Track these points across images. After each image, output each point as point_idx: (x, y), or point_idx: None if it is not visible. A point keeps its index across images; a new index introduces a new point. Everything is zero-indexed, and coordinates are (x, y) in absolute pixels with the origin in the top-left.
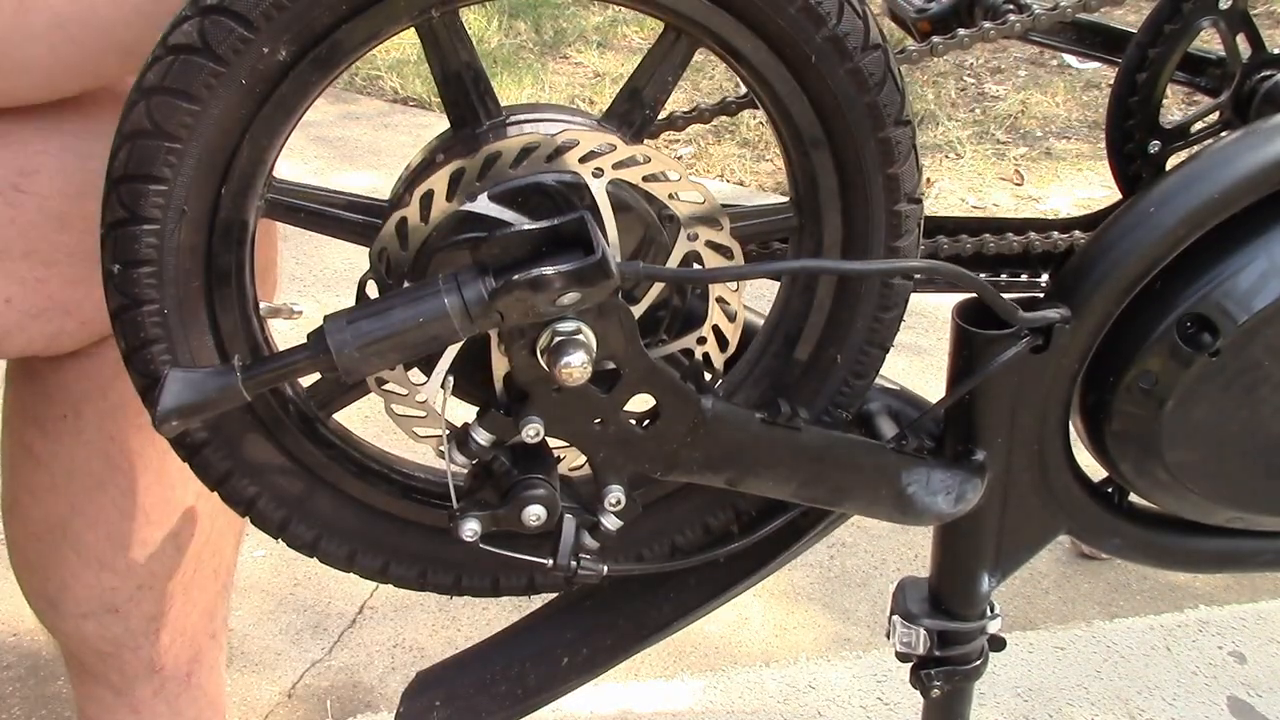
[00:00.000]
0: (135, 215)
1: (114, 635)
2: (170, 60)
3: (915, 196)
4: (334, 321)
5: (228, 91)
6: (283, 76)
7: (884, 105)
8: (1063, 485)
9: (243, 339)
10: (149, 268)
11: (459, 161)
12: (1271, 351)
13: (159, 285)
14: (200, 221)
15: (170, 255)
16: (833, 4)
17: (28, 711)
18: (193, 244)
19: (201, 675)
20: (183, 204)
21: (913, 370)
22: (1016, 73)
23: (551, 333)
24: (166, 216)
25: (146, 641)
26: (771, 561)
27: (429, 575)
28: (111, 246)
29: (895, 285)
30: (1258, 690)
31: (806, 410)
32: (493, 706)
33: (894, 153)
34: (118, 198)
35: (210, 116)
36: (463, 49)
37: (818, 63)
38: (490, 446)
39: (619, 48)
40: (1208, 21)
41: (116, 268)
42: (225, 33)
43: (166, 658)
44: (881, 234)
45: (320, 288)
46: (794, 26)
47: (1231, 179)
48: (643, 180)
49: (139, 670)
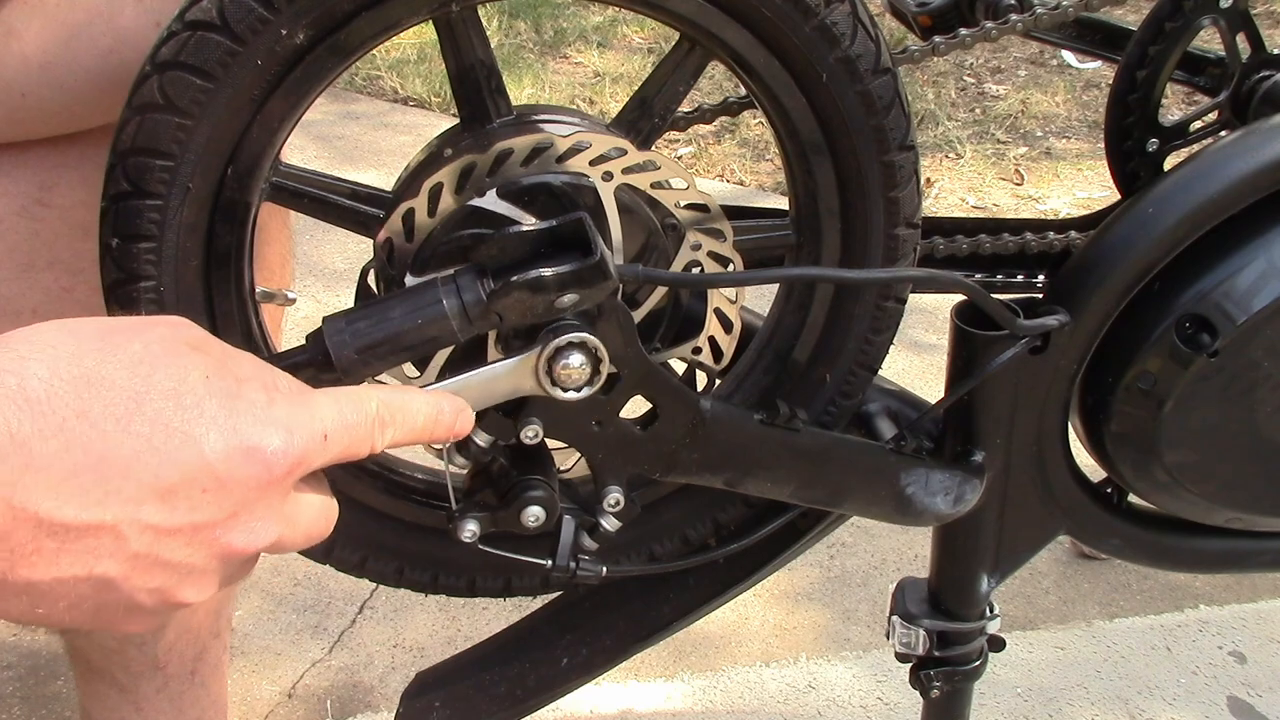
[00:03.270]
0: (139, 189)
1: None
2: (187, 36)
3: (914, 222)
4: (332, 323)
5: (242, 71)
6: (298, 60)
7: (890, 129)
8: (1062, 486)
9: (237, 322)
10: (149, 243)
11: (470, 156)
12: (1270, 352)
13: (157, 262)
14: (204, 200)
15: (171, 232)
16: (847, 25)
17: (28, 711)
18: (194, 222)
19: (205, 673)
20: (188, 181)
21: (913, 369)
22: (1016, 72)
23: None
24: (170, 193)
25: (151, 638)
26: (771, 562)
27: (440, 579)
28: (112, 219)
29: (888, 307)
30: (1258, 690)
31: (805, 411)
32: (492, 707)
33: (897, 176)
34: (123, 170)
35: (222, 95)
36: (479, 44)
37: (829, 83)
38: (489, 448)
39: (619, 48)
40: (1208, 20)
41: (115, 241)
42: (245, 11)
43: (171, 655)
44: (879, 256)
45: (320, 287)
46: (808, 45)
47: (1230, 180)
48: (650, 187)
49: (143, 667)
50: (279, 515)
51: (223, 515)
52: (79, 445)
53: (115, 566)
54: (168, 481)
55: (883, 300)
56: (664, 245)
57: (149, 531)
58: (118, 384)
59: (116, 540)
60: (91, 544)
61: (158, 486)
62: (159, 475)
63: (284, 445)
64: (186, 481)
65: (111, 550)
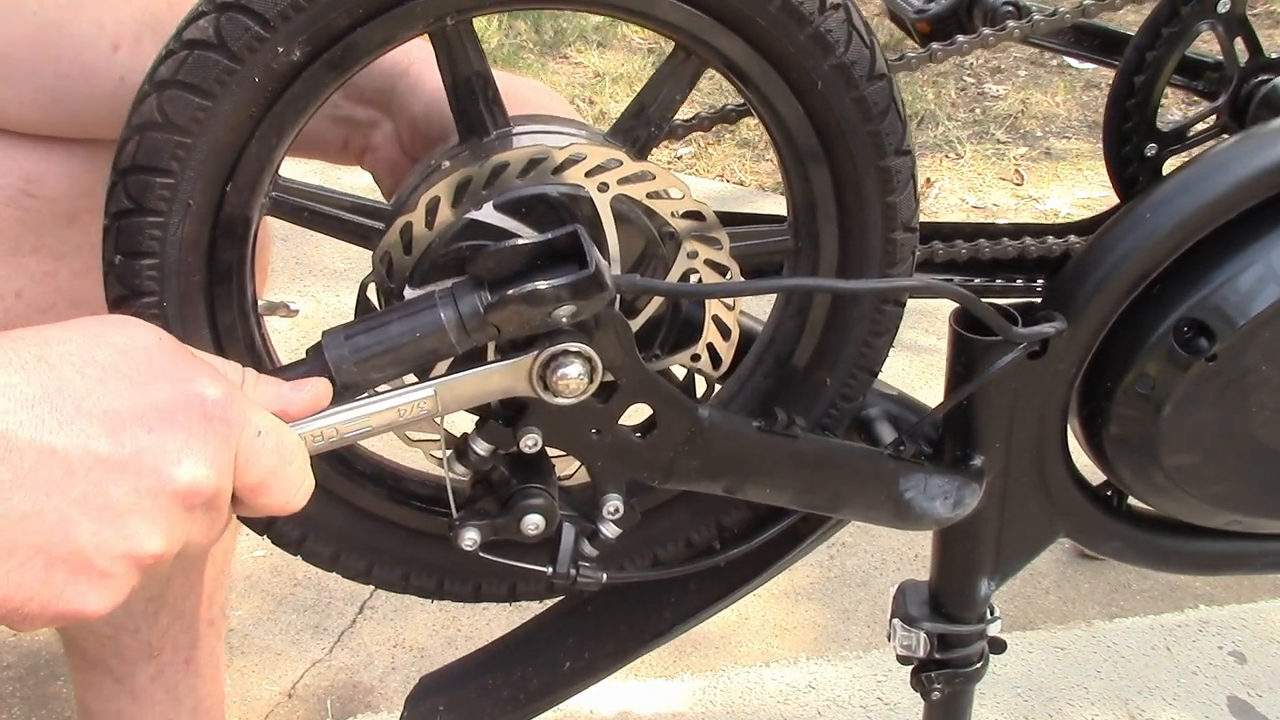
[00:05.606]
0: (140, 207)
1: (113, 617)
2: (184, 54)
3: (911, 226)
4: (332, 336)
5: (240, 89)
6: (295, 76)
7: (886, 134)
8: (1061, 489)
9: (240, 336)
10: (151, 260)
11: (466, 169)
12: (1268, 355)
13: (160, 278)
14: (204, 216)
15: (173, 248)
16: (842, 32)
17: (28, 711)
18: (196, 238)
19: (200, 662)
20: (188, 198)
21: (912, 370)
22: (1016, 73)
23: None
24: (171, 210)
25: (145, 623)
26: (771, 566)
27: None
28: (115, 237)
29: (887, 310)
30: (1258, 690)
31: (805, 416)
32: (495, 711)
33: (893, 181)
34: (124, 188)
35: (221, 112)
36: (475, 57)
37: (824, 90)
38: (489, 456)
39: (619, 48)
40: (1206, 25)
41: (118, 259)
42: (241, 30)
43: (165, 641)
44: (876, 261)
45: (320, 287)
46: (802, 53)
47: (1228, 184)
48: (646, 197)
49: (138, 654)
50: (221, 462)
51: (166, 453)
52: (38, 380)
53: (63, 504)
54: (115, 417)
55: (882, 304)
56: (662, 254)
57: (97, 466)
58: (74, 340)
59: (66, 473)
60: (43, 476)
61: (106, 420)
62: (107, 410)
63: (224, 396)
64: (133, 418)
65: (61, 484)
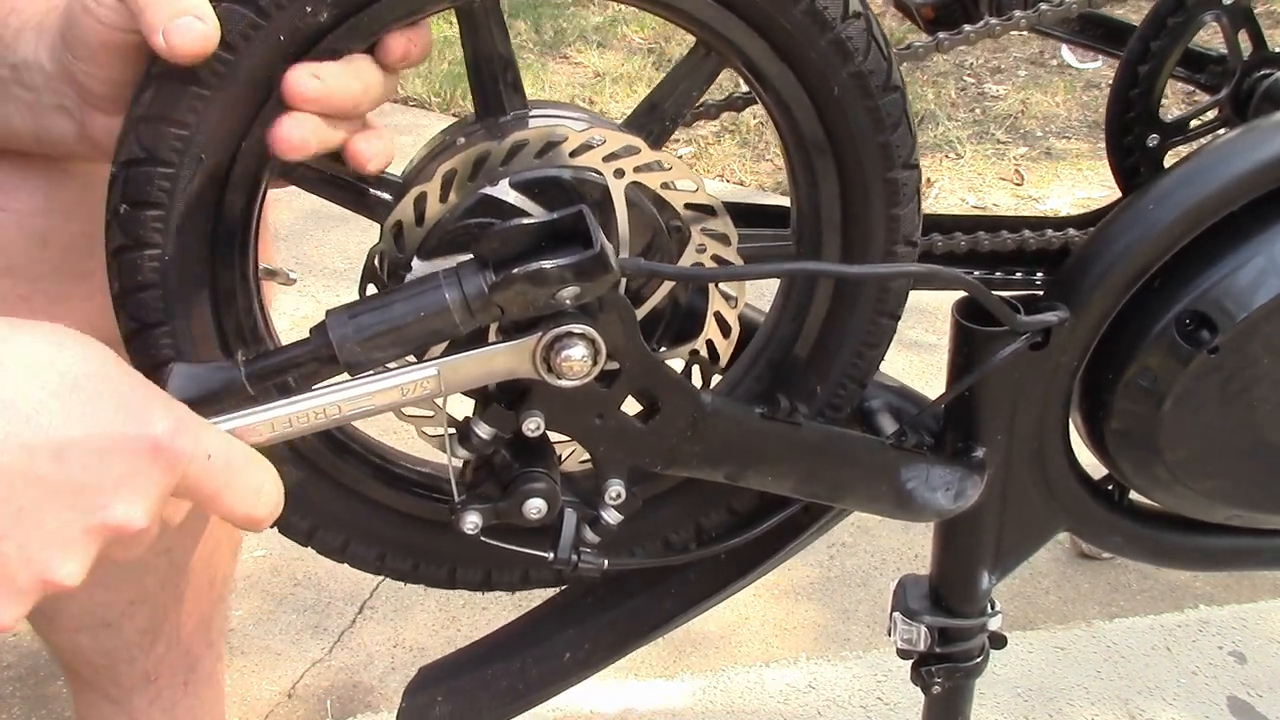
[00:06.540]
0: (152, 156)
1: (108, 648)
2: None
3: (912, 240)
4: (336, 316)
5: (263, 45)
6: (320, 38)
7: (896, 146)
8: (1062, 482)
9: (239, 298)
10: (157, 210)
11: (485, 144)
12: (1270, 348)
13: (163, 230)
14: (215, 173)
15: (180, 202)
16: (862, 41)
17: (27, 711)
18: (203, 194)
19: (198, 684)
20: (201, 152)
21: (913, 368)
22: (1016, 72)
23: None
24: (183, 162)
25: (141, 653)
26: (772, 556)
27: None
28: (122, 185)
29: (882, 323)
30: (1258, 690)
31: (805, 406)
32: (494, 702)
33: (899, 194)
34: (136, 137)
35: (242, 68)
36: (499, 36)
37: (840, 96)
38: (491, 440)
39: (619, 48)
40: (1210, 17)
41: (124, 208)
42: None
43: (162, 668)
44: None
45: (320, 287)
46: (822, 58)
47: (1230, 176)
48: (660, 187)
49: (135, 681)
50: (155, 497)
51: (103, 490)
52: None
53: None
54: (61, 437)
55: (878, 316)
56: (669, 246)
57: (35, 486)
58: (27, 350)
59: (7, 487)
60: None
61: (52, 439)
62: (54, 429)
63: (173, 426)
64: (78, 442)
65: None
